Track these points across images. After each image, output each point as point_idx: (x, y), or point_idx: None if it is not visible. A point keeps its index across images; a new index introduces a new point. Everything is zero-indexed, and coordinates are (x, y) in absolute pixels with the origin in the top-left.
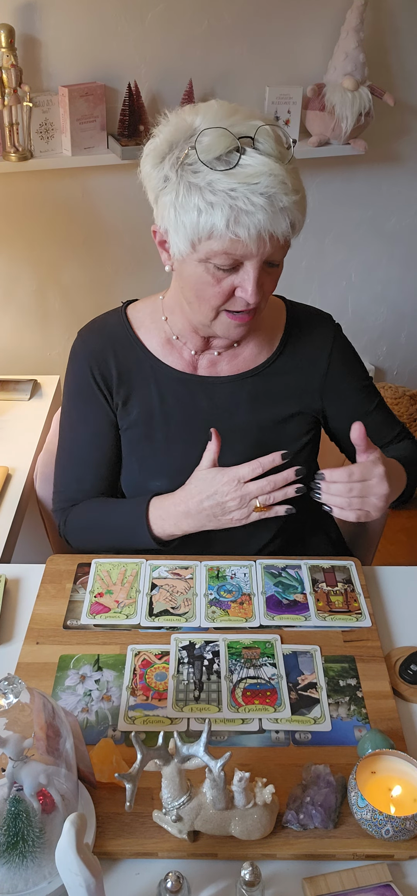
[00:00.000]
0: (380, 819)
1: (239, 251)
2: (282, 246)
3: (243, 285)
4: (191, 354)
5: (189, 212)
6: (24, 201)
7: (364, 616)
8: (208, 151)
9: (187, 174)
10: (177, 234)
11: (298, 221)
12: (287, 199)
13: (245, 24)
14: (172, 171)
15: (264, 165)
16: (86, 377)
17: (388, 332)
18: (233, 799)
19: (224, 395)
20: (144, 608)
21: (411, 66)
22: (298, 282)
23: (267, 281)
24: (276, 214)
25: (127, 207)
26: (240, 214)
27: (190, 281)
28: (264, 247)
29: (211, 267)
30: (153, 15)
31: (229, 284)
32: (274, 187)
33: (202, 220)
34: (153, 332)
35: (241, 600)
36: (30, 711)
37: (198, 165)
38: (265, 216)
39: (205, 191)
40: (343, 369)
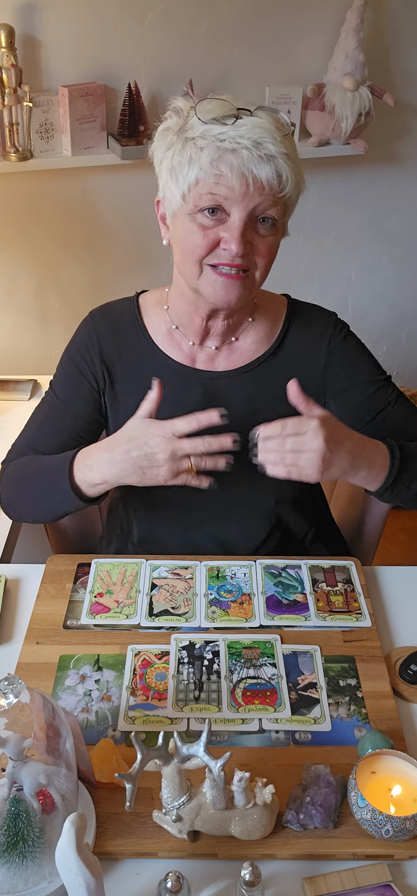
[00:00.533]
0: (380, 819)
1: (222, 192)
2: (270, 197)
3: (229, 233)
4: (190, 346)
5: (182, 165)
6: (24, 201)
7: (364, 616)
8: (207, 113)
9: (185, 133)
10: (171, 191)
11: (285, 173)
12: (274, 147)
13: (245, 24)
14: (175, 135)
15: (255, 122)
16: (86, 351)
17: (388, 332)
18: (233, 799)
19: (221, 389)
20: (144, 608)
21: (411, 66)
22: (298, 282)
23: (257, 243)
24: (261, 158)
25: (127, 207)
26: (225, 153)
27: (179, 239)
28: (247, 189)
29: (198, 217)
30: (153, 15)
31: (214, 235)
32: (262, 135)
33: (191, 167)
34: (156, 321)
35: (241, 600)
36: (30, 711)
37: (194, 121)
38: (248, 156)
39: (198, 139)
40: (345, 363)
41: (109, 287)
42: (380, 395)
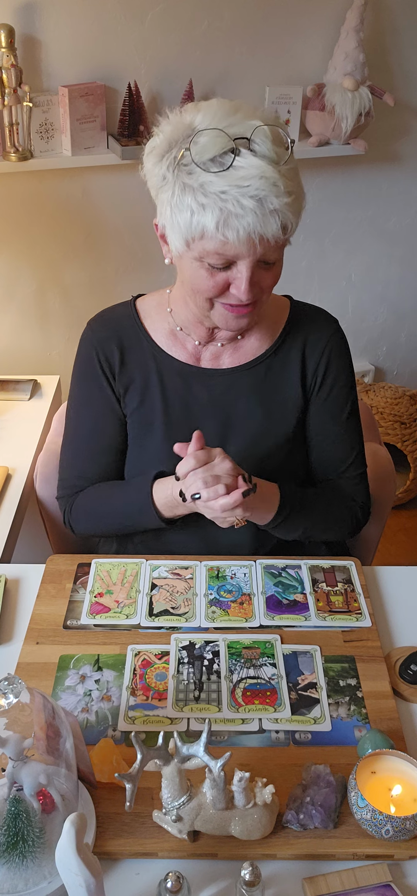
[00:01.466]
0: (380, 819)
1: (230, 252)
2: (275, 246)
3: (236, 283)
4: (195, 345)
5: (183, 211)
6: (24, 201)
7: (364, 616)
8: (202, 153)
9: (182, 175)
10: (173, 231)
11: (290, 223)
12: (278, 201)
13: (245, 24)
14: (169, 170)
15: (256, 168)
16: (92, 364)
17: (388, 332)
18: (233, 799)
19: (224, 386)
20: (144, 608)
21: (411, 66)
22: (298, 282)
23: (264, 277)
24: (266, 217)
25: (127, 207)
26: (230, 217)
27: (187, 276)
28: (254, 248)
29: (205, 263)
30: (153, 15)
31: (223, 279)
32: (265, 189)
33: (194, 220)
34: (158, 323)
35: (241, 600)
36: (30, 711)
37: (192, 167)
38: (254, 219)
39: (198, 192)
40: (333, 378)
41: (109, 287)
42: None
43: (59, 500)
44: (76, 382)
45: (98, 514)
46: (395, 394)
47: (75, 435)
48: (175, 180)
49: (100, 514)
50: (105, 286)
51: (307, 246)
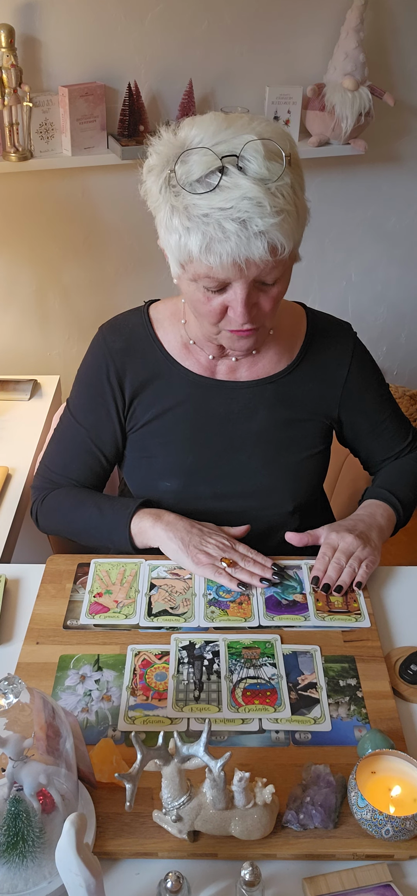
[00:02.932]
0: (380, 819)
1: (220, 275)
2: (269, 268)
3: (232, 306)
4: (209, 359)
5: (172, 233)
6: (24, 201)
7: (363, 616)
8: (188, 174)
9: (170, 196)
10: (169, 253)
11: (280, 244)
12: (263, 222)
13: (245, 24)
14: (161, 192)
15: (240, 189)
16: (101, 373)
17: (388, 332)
18: (233, 799)
19: (243, 399)
20: (143, 608)
21: (411, 66)
22: (298, 282)
23: (263, 299)
24: (250, 239)
25: (127, 207)
26: (212, 242)
27: (188, 297)
28: (241, 272)
29: (200, 286)
30: (153, 15)
31: (220, 304)
32: (249, 211)
33: (182, 243)
34: (171, 333)
35: (240, 600)
36: (30, 711)
37: (178, 188)
38: (238, 242)
39: (182, 215)
40: (361, 380)
41: (109, 287)
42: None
43: (33, 489)
44: (81, 385)
45: (67, 517)
46: (395, 394)
47: (68, 433)
48: (165, 201)
49: (70, 517)
50: (105, 286)
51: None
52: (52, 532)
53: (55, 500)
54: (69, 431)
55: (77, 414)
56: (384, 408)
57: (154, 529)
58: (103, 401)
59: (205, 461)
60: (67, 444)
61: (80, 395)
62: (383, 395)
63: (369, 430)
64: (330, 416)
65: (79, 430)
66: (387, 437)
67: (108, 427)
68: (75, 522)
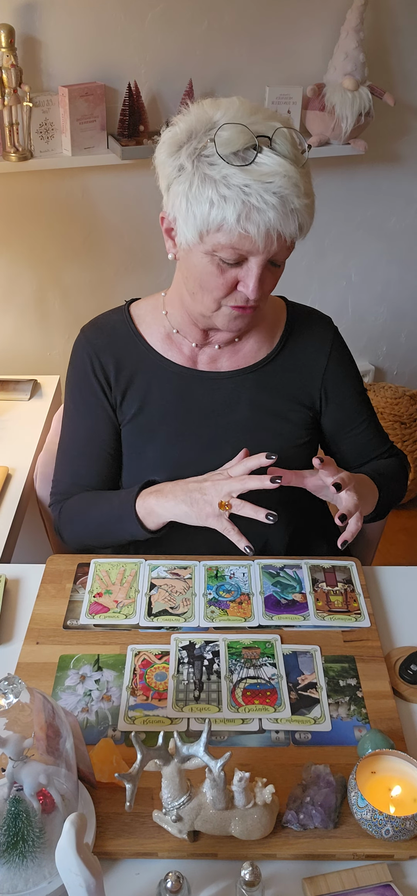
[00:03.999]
0: (380, 819)
1: (245, 247)
2: (288, 247)
3: (245, 280)
4: (192, 347)
5: (201, 203)
6: (24, 201)
7: (363, 616)
8: (226, 146)
9: (203, 165)
10: (186, 223)
11: (306, 224)
12: (298, 201)
13: (245, 24)
14: (188, 160)
15: (280, 166)
16: (86, 372)
17: (388, 332)
18: (233, 799)
19: (224, 390)
20: (143, 608)
21: (411, 66)
22: (298, 282)
23: (268, 279)
24: (286, 215)
25: (127, 207)
26: (252, 211)
27: (194, 271)
28: (271, 245)
29: (216, 259)
30: (153, 15)
31: (232, 277)
32: (288, 188)
33: (213, 212)
34: (154, 327)
35: (240, 600)
36: (30, 711)
37: (215, 158)
38: (275, 215)
39: (220, 184)
40: (341, 371)
41: (109, 287)
42: (363, 408)
43: (51, 506)
44: (71, 390)
45: (83, 521)
46: (395, 394)
47: (70, 441)
48: (194, 171)
49: (85, 520)
50: (105, 286)
51: (307, 246)
52: (77, 543)
53: (70, 512)
54: (70, 440)
55: (73, 420)
56: (363, 408)
57: (161, 506)
58: (95, 399)
59: (191, 453)
60: (71, 453)
61: (73, 400)
62: (362, 395)
63: (348, 427)
64: (313, 406)
65: (79, 437)
66: (365, 439)
67: (106, 422)
68: (91, 524)
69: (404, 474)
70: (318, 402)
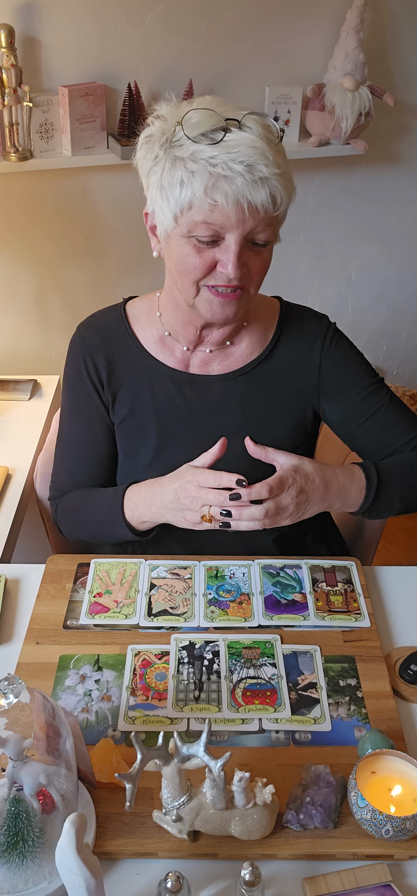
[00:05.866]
0: (380, 819)
1: (219, 221)
2: (264, 221)
3: (223, 260)
4: (184, 351)
5: (173, 186)
6: (24, 201)
7: (363, 616)
8: (194, 128)
9: (173, 150)
10: (162, 210)
11: (279, 194)
12: (267, 169)
13: (245, 24)
14: (161, 150)
15: (246, 139)
16: (80, 371)
17: (388, 332)
18: (233, 799)
19: (216, 393)
20: (143, 608)
21: (411, 66)
22: (298, 282)
23: (253, 261)
24: (255, 183)
25: (127, 207)
26: (219, 180)
27: (174, 259)
28: (243, 215)
29: (192, 240)
30: (153, 15)
31: (211, 257)
32: (254, 157)
33: (184, 191)
34: (147, 328)
35: (240, 600)
36: (30, 711)
37: (183, 139)
38: (243, 182)
39: (188, 161)
40: (339, 364)
41: (109, 287)
42: (373, 398)
43: (50, 501)
44: (66, 388)
45: (78, 518)
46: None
47: (67, 439)
48: (165, 157)
49: (80, 518)
50: (105, 286)
51: (306, 246)
52: (76, 538)
53: (66, 509)
54: (66, 437)
55: (69, 418)
56: (373, 398)
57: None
58: (89, 398)
59: (184, 456)
60: (66, 450)
61: (68, 398)
62: (372, 385)
63: (358, 419)
64: (309, 404)
65: (76, 435)
66: (382, 428)
67: (99, 422)
68: (85, 524)
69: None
70: (316, 399)
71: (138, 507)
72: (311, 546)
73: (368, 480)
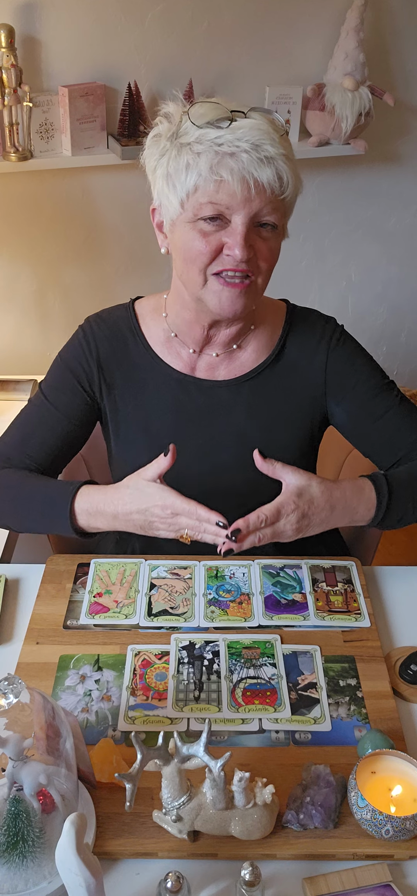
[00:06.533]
0: (380, 819)
1: (224, 200)
2: (271, 202)
3: (230, 242)
4: (190, 354)
5: (179, 172)
6: (24, 201)
7: (363, 616)
8: (200, 117)
9: (179, 139)
10: (168, 199)
11: (286, 175)
12: (273, 149)
13: (245, 24)
14: (168, 142)
15: (252, 123)
16: (82, 356)
17: (388, 332)
18: (233, 799)
19: (221, 398)
20: (143, 608)
21: (411, 66)
22: (298, 282)
23: (259, 246)
24: (261, 161)
25: (127, 207)
26: (225, 157)
27: (180, 247)
28: (249, 193)
29: (198, 225)
30: (153, 15)
31: (217, 241)
32: (260, 137)
33: (189, 173)
34: (154, 329)
35: (240, 600)
36: (30, 711)
37: (189, 127)
38: (248, 159)
39: (194, 144)
40: (347, 365)
41: (109, 287)
42: (382, 399)
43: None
44: (59, 366)
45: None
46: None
47: (35, 410)
48: (172, 147)
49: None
50: (105, 286)
51: (307, 246)
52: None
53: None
54: (36, 409)
55: (49, 393)
56: (381, 399)
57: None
58: (80, 383)
59: (187, 458)
60: (30, 419)
61: (56, 375)
62: (381, 386)
63: (367, 422)
64: (319, 409)
65: (49, 409)
66: (391, 430)
67: (82, 408)
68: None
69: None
70: (324, 401)
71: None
72: (311, 546)
73: (379, 495)
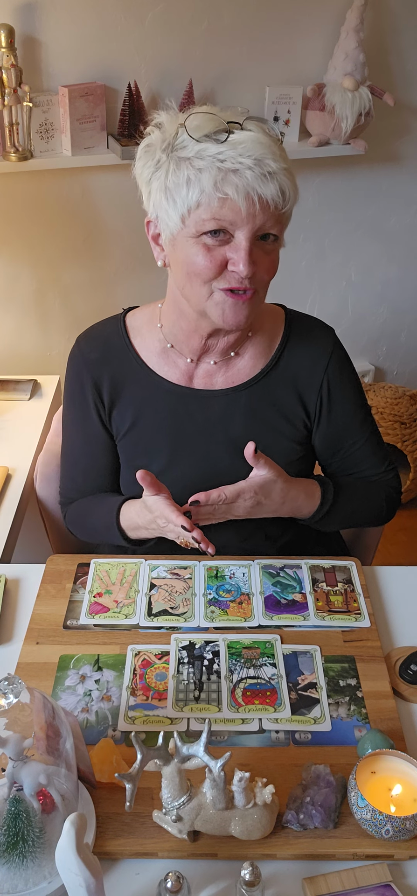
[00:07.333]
0: (380, 819)
1: (228, 216)
2: (274, 215)
3: (235, 257)
4: (187, 363)
5: (179, 187)
6: (24, 201)
7: (363, 616)
8: (197, 130)
9: (176, 152)
10: (167, 214)
11: (288, 189)
12: (275, 164)
13: (245, 24)
14: (163, 154)
15: (251, 137)
16: (80, 385)
17: (388, 332)
18: (233, 799)
19: (219, 408)
20: (143, 608)
21: (411, 66)
22: (298, 282)
23: (262, 260)
24: (265, 177)
25: (127, 207)
26: (228, 174)
27: (182, 263)
28: (254, 209)
29: (201, 240)
30: (153, 15)
31: (221, 256)
32: (262, 152)
33: (191, 189)
34: (148, 341)
35: (240, 600)
36: (30, 711)
37: (186, 141)
38: (253, 175)
39: (194, 159)
40: (340, 384)
41: (109, 287)
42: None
43: (60, 507)
44: (67, 400)
45: (84, 526)
46: (395, 394)
47: (69, 451)
48: (169, 161)
49: (85, 526)
50: (105, 286)
51: (306, 246)
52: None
53: (72, 517)
54: (68, 448)
55: (69, 428)
56: (360, 428)
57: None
58: (88, 412)
59: (186, 468)
60: (69, 460)
61: (69, 410)
62: (362, 414)
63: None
64: (308, 417)
65: (75, 446)
66: (359, 457)
67: (99, 435)
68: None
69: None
70: (315, 413)
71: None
72: (311, 546)
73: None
